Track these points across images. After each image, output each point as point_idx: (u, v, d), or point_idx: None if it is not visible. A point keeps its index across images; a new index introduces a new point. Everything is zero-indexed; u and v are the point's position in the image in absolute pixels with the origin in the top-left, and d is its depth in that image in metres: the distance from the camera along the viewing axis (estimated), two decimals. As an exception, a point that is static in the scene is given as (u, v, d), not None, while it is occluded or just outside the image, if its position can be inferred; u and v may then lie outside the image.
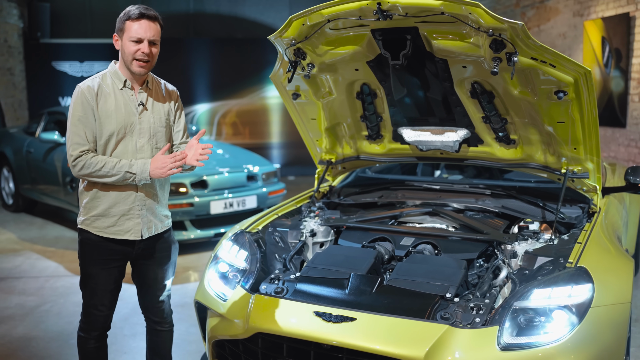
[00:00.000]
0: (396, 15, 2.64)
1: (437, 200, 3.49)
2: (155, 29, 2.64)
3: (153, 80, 2.77)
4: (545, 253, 2.75)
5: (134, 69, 2.62)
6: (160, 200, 2.79)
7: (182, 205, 5.74)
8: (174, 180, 5.83)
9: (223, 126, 11.23)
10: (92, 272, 2.71)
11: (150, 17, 2.61)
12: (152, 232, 2.76)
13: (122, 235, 2.69)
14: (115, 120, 2.62)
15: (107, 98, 2.62)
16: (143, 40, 2.59)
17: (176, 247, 2.92)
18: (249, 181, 6.31)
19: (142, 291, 2.90)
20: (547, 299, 2.39)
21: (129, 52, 2.60)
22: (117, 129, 2.63)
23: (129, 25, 2.60)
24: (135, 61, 2.61)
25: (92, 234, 2.69)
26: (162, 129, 2.76)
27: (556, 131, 2.98)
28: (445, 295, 2.53)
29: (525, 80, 2.78)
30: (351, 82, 3.22)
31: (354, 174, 4.22)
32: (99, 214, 2.67)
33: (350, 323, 2.39)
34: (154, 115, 2.72)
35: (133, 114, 2.66)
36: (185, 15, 11.49)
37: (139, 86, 2.70)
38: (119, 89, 2.65)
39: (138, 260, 2.81)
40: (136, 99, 2.68)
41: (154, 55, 2.65)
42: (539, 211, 3.30)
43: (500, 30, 2.52)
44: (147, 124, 2.70)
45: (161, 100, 2.77)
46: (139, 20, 2.59)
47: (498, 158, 3.32)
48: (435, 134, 3.30)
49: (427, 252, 2.99)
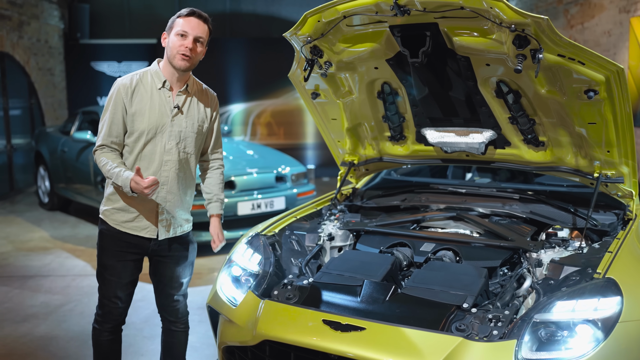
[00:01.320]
0: (414, 10, 2.52)
1: (462, 205, 3.34)
2: (204, 28, 2.65)
3: (194, 85, 2.77)
4: (572, 262, 2.58)
5: (176, 62, 2.62)
6: (182, 203, 2.79)
7: (209, 206, 5.70)
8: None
9: (257, 126, 11.23)
10: (108, 264, 2.71)
11: (200, 16, 2.66)
12: (170, 235, 2.76)
13: (138, 232, 2.70)
14: (148, 119, 2.63)
15: (143, 96, 2.63)
16: (188, 35, 2.61)
17: (194, 247, 2.91)
18: (278, 182, 6.25)
19: (158, 289, 2.89)
20: (571, 312, 2.23)
21: (173, 46, 2.62)
22: (148, 128, 2.64)
23: (178, 22, 2.64)
24: (178, 55, 2.61)
25: (110, 226, 2.70)
26: (193, 134, 2.74)
27: (588, 133, 2.81)
28: (462, 306, 2.39)
29: (552, 78, 2.63)
30: (371, 81, 3.10)
31: (380, 176, 4.11)
32: (119, 208, 2.69)
33: (359, 333, 2.27)
34: (187, 120, 2.70)
35: (166, 115, 2.65)
36: (222, 15, 11.54)
37: (178, 88, 2.68)
38: (157, 88, 2.65)
39: (154, 257, 2.80)
40: (172, 101, 2.67)
41: (197, 53, 2.66)
42: (570, 217, 3.12)
43: (523, 25, 2.37)
44: (178, 128, 2.68)
45: (199, 106, 2.76)
46: (189, 17, 2.64)
47: (526, 161, 3.16)
48: (460, 135, 3.16)
49: (447, 259, 2.86)
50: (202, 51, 2.69)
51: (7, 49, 9.12)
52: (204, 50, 2.70)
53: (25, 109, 10.07)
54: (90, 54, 11.30)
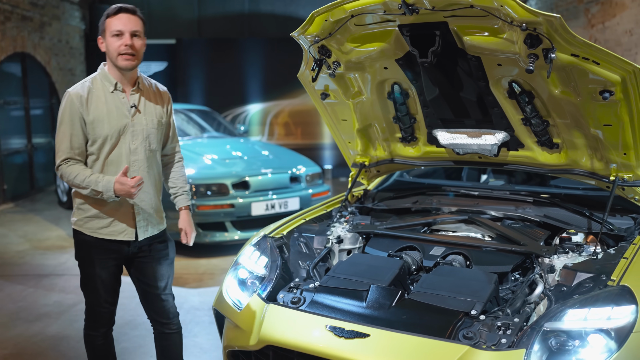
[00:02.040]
0: (423, 9, 2.46)
1: (474, 207, 3.26)
2: (136, 21, 2.61)
3: (144, 82, 2.75)
4: (585, 268, 2.50)
5: (120, 63, 2.59)
6: (156, 201, 2.78)
7: (222, 206, 5.70)
8: (215, 180, 5.81)
9: (275, 126, 11.21)
10: (91, 273, 2.71)
11: (128, 10, 2.61)
12: (148, 234, 2.75)
13: (115, 236, 2.68)
14: (108, 124, 2.61)
15: (98, 103, 2.61)
16: (124, 33, 2.57)
17: (173, 245, 2.91)
18: (292, 183, 6.22)
19: (144, 292, 2.88)
20: (583, 321, 2.16)
21: (112, 48, 2.59)
22: (110, 133, 2.62)
23: (109, 22, 2.60)
24: (120, 56, 2.58)
25: (86, 235, 2.68)
26: (155, 130, 2.75)
27: (603, 135, 2.72)
28: (470, 312, 2.33)
29: (566, 79, 2.55)
30: (381, 82, 3.05)
31: (392, 178, 4.05)
32: (92, 215, 2.67)
33: (363, 339, 2.22)
34: (146, 117, 2.70)
35: (125, 116, 2.64)
36: (240, 15, 11.54)
37: (130, 88, 2.67)
38: (109, 92, 2.63)
39: (134, 259, 2.79)
40: (128, 102, 2.66)
41: (138, 48, 2.62)
42: (585, 221, 3.03)
43: (535, 24, 2.29)
44: (140, 126, 2.68)
45: (153, 101, 2.75)
46: (118, 14, 2.59)
47: (540, 163, 3.08)
48: (472, 136, 3.09)
49: (456, 264, 2.79)
50: (143, 44, 2.66)
51: (28, 50, 9.21)
52: (144, 43, 2.67)
53: (46, 109, 10.18)
54: (110, 54, 11.38)
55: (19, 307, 4.56)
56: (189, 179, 5.78)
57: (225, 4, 11.50)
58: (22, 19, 9.06)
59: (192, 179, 5.77)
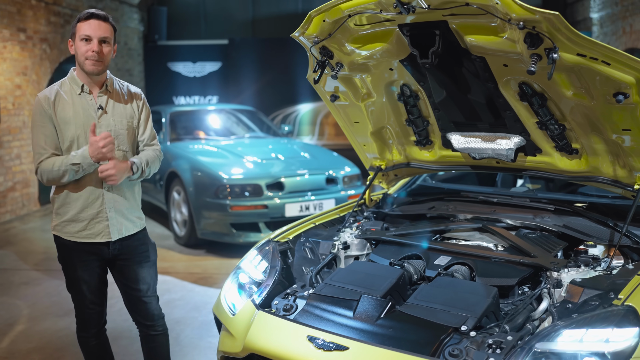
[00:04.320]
0: (419, 8, 2.35)
1: (490, 215, 3.10)
2: (106, 28, 2.63)
3: (113, 83, 2.76)
4: (594, 285, 2.32)
5: (87, 68, 2.63)
6: (130, 201, 2.78)
7: (256, 207, 5.71)
8: (249, 181, 5.82)
9: (325, 126, 11.16)
10: (75, 276, 2.74)
11: (99, 16, 2.63)
12: (123, 234, 2.75)
13: (92, 239, 2.70)
14: (74, 125, 2.64)
15: (65, 105, 2.65)
16: (92, 39, 2.59)
17: (154, 247, 2.91)
18: (328, 184, 6.15)
19: (126, 294, 2.88)
20: (578, 343, 1.99)
21: (80, 52, 2.62)
22: (77, 134, 2.65)
23: (79, 27, 2.63)
24: (87, 60, 2.61)
25: (65, 239, 2.71)
26: (124, 131, 2.74)
27: (623, 140, 2.53)
28: (460, 328, 2.20)
29: (577, 80, 2.37)
30: (389, 83, 2.94)
31: (418, 182, 3.92)
32: (69, 220, 2.70)
33: (341, 353, 2.14)
34: (114, 118, 2.71)
35: (92, 117, 2.67)
36: (294, 15, 11.57)
37: (97, 90, 2.69)
38: (77, 94, 2.67)
39: (116, 262, 2.80)
40: (95, 103, 2.69)
41: (105, 54, 2.64)
42: (608, 233, 2.81)
43: (533, 22, 2.14)
44: (107, 128, 2.68)
45: (122, 102, 2.76)
46: (88, 20, 2.61)
47: (560, 170, 2.89)
48: (486, 140, 2.94)
49: (459, 275, 2.65)
50: (110, 50, 2.67)
51: (86, 51, 9.54)
52: (112, 49, 2.68)
53: (104, 109, 10.51)
54: (167, 55, 11.67)
55: (52, 301, 4.70)
56: (224, 180, 5.82)
57: (279, 4, 11.56)
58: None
59: (227, 179, 5.81)
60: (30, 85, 8.13)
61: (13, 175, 7.80)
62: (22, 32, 7.90)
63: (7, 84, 7.63)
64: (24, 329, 4.18)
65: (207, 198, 5.86)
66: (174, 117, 7.58)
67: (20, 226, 7.47)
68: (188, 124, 7.75)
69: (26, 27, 7.97)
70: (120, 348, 3.85)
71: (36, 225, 7.58)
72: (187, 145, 6.94)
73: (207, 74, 11.57)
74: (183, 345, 3.90)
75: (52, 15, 8.58)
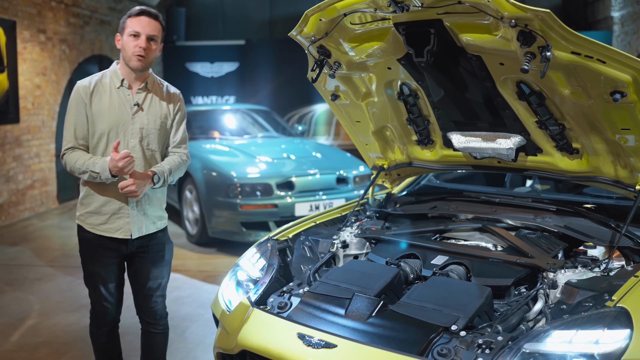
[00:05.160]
0: (412, 6, 2.34)
1: (490, 215, 3.08)
2: (155, 25, 2.65)
3: (154, 82, 2.77)
4: (589, 286, 2.29)
5: (132, 64, 2.64)
6: (153, 200, 2.78)
7: (266, 206, 5.73)
8: (260, 180, 5.85)
9: (341, 127, 11.14)
10: (92, 270, 2.76)
11: (150, 14, 2.66)
12: (143, 232, 2.76)
13: (112, 234, 2.72)
14: (108, 118, 2.66)
15: (102, 96, 2.66)
16: (140, 35, 2.62)
17: (171, 247, 2.91)
18: (339, 184, 6.15)
19: (135, 290, 2.91)
20: (567, 344, 1.97)
21: (127, 47, 2.64)
22: (108, 127, 2.66)
23: (129, 22, 2.65)
24: (133, 56, 2.63)
25: (87, 230, 2.74)
26: (156, 131, 2.75)
27: (623, 140, 2.49)
28: (450, 327, 2.19)
29: (573, 79, 2.35)
30: (389, 82, 2.94)
31: (423, 182, 3.91)
32: (92, 211, 2.72)
33: (329, 350, 2.14)
34: (148, 116, 2.71)
35: (126, 113, 2.67)
36: (311, 15, 11.57)
37: (137, 86, 2.69)
38: (115, 87, 2.67)
39: (133, 259, 2.82)
40: (132, 99, 2.68)
41: (152, 50, 2.66)
42: (609, 234, 2.78)
43: (525, 20, 2.13)
44: (140, 125, 2.69)
45: (159, 101, 2.75)
46: (139, 16, 2.64)
47: (561, 170, 2.86)
48: (486, 140, 2.92)
49: (454, 275, 2.63)
50: (157, 48, 2.69)
51: (106, 52, 9.69)
52: (158, 47, 2.71)
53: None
54: (185, 55, 11.77)
55: (64, 297, 4.78)
56: (234, 179, 5.86)
57: (296, 4, 11.58)
58: (101, 23, 9.53)
59: (237, 178, 5.85)
60: (50, 85, 8.27)
61: (32, 173, 7.94)
62: (42, 33, 8.04)
63: (27, 84, 7.77)
64: (34, 323, 4.26)
65: (217, 197, 5.90)
66: (189, 117, 7.63)
67: (38, 223, 7.60)
68: (202, 124, 7.82)
69: (46, 29, 8.11)
70: (127, 344, 3.88)
71: (54, 222, 7.71)
72: (200, 144, 7.00)
73: (224, 74, 11.65)
74: (188, 341, 3.94)
75: (72, 16, 8.71)
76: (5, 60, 7.24)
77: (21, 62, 7.60)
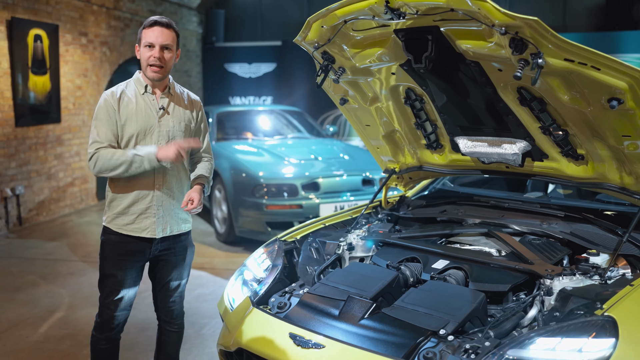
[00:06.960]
0: (409, 14, 2.37)
1: (497, 220, 3.07)
2: (168, 34, 2.73)
3: (175, 88, 2.87)
4: (583, 294, 2.28)
5: (148, 74, 2.75)
6: (179, 202, 2.86)
7: (291, 207, 5.81)
8: (285, 181, 5.93)
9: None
10: (109, 273, 2.81)
11: (162, 24, 2.74)
12: (167, 233, 2.84)
13: (139, 233, 2.79)
14: (136, 122, 2.75)
15: (128, 102, 2.76)
16: (155, 46, 2.71)
17: (192, 251, 2.98)
18: (365, 185, 6.18)
19: (155, 290, 2.99)
20: (551, 351, 1.98)
21: (143, 58, 2.75)
22: (137, 131, 2.76)
23: (144, 34, 2.75)
24: (149, 67, 2.74)
25: (113, 232, 2.81)
26: (181, 133, 2.84)
27: (624, 147, 2.47)
28: (438, 332, 2.21)
29: (571, 85, 2.34)
30: (395, 87, 2.97)
31: (439, 185, 3.92)
32: (119, 212, 2.80)
33: (317, 351, 2.20)
34: (174, 119, 2.82)
35: (153, 117, 2.78)
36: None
37: (160, 92, 2.81)
38: (140, 94, 2.78)
39: (155, 260, 2.90)
40: (157, 103, 2.80)
41: (167, 60, 2.75)
42: (615, 241, 2.74)
43: (514, 27, 2.13)
44: (166, 128, 2.79)
45: (182, 106, 2.87)
46: (152, 27, 2.73)
47: (568, 175, 2.84)
48: (493, 145, 2.92)
49: (452, 279, 2.65)
50: (172, 56, 2.77)
51: (146, 53, 9.93)
52: (175, 55, 2.79)
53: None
54: (224, 56, 11.97)
55: (93, 291, 4.96)
56: (261, 179, 5.96)
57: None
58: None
59: (263, 179, 5.95)
60: (90, 86, 8.56)
61: (72, 171, 8.24)
62: (84, 36, 8.33)
63: (69, 85, 8.07)
64: (63, 316, 4.45)
65: (244, 196, 6.01)
66: (221, 117, 7.80)
67: (77, 219, 7.88)
68: (235, 124, 7.95)
69: (87, 31, 8.40)
70: (145, 338, 4.04)
71: (92, 219, 7.98)
72: (230, 144, 7.13)
73: (262, 74, 11.80)
74: (204, 338, 4.05)
75: (113, 19, 8.99)
76: (48, 63, 7.54)
77: (63, 64, 7.89)
